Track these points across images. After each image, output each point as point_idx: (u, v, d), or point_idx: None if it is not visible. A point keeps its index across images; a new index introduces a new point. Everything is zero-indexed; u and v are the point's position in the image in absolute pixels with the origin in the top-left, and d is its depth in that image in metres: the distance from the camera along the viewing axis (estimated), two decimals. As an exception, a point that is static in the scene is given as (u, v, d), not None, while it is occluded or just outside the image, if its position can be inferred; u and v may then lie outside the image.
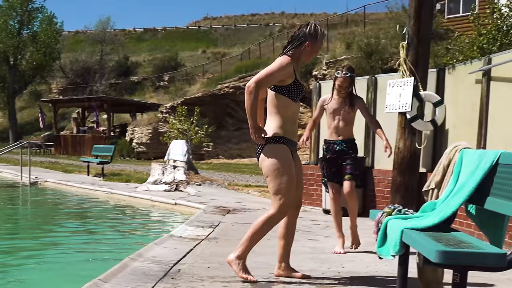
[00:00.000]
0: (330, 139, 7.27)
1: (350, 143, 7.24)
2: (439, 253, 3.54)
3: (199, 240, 7.80)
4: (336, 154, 7.21)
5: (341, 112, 7.17)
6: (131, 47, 72.90)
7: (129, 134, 41.39)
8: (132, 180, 20.22)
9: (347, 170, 7.15)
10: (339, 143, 7.21)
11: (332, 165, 7.24)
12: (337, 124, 7.20)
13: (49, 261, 8.18)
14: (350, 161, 7.17)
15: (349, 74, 7.04)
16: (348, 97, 7.16)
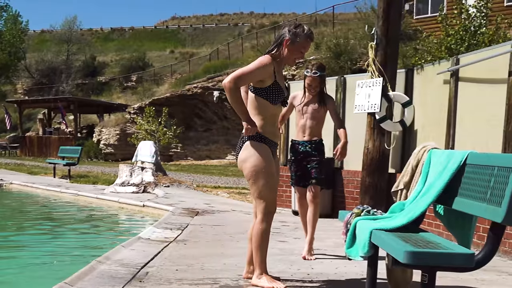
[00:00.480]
0: (296, 139, 7.09)
1: (316, 144, 7.01)
2: (408, 254, 3.56)
3: (167, 242, 7.76)
4: (300, 156, 7.01)
5: (310, 111, 6.96)
6: (98, 47, 72.44)
7: (96, 135, 41.14)
8: (100, 182, 20.09)
9: (312, 174, 6.92)
10: (303, 143, 7.00)
11: (297, 168, 7.07)
12: (304, 122, 7.00)
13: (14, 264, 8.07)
14: (315, 164, 6.94)
15: (319, 73, 6.86)
16: (319, 96, 6.96)
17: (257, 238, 5.28)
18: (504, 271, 6.39)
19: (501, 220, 3.53)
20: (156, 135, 29.67)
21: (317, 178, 6.90)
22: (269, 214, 5.26)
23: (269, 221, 5.27)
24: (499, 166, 3.75)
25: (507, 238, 6.99)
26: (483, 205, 3.80)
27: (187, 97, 35.23)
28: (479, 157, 4.15)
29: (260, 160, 5.18)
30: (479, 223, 6.89)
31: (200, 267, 6.15)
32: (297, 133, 7.08)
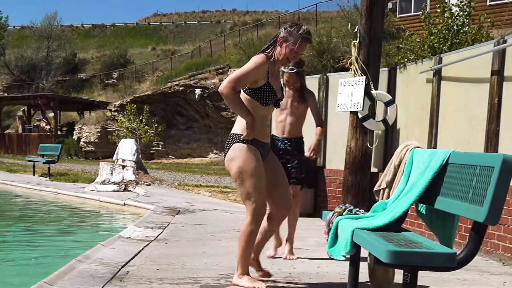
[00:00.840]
0: (275, 135, 6.87)
1: (295, 142, 6.84)
2: (390, 253, 3.57)
3: (148, 241, 7.74)
4: (279, 153, 6.66)
5: (290, 107, 6.79)
6: (79, 44, 72.00)
7: (77, 133, 40.96)
8: (80, 180, 20.02)
9: (292, 174, 6.71)
10: (283, 141, 6.82)
11: None
12: (284, 119, 6.81)
13: (-8, 263, 8.03)
14: (296, 164, 6.78)
15: (296, 69, 6.68)
16: (299, 91, 6.82)
17: (243, 238, 5.21)
18: (486, 270, 6.43)
19: (483, 220, 3.55)
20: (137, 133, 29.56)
21: (298, 177, 6.75)
22: (258, 216, 5.18)
23: (258, 223, 5.20)
24: (481, 165, 3.77)
25: (489, 238, 7.04)
26: (465, 204, 3.81)
27: (169, 95, 35.15)
28: (461, 156, 4.17)
29: (246, 161, 5.08)
30: (461, 223, 6.93)
31: (181, 266, 6.14)
32: (277, 129, 6.89)
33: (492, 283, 5.82)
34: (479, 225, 3.71)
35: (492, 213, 3.52)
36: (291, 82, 6.75)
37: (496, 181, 3.54)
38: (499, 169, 3.55)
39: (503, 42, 7.48)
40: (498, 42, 7.61)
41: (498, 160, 3.58)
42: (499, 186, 3.53)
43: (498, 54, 7.50)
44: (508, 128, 7.28)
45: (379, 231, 4.33)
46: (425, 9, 15.10)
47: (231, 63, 33.90)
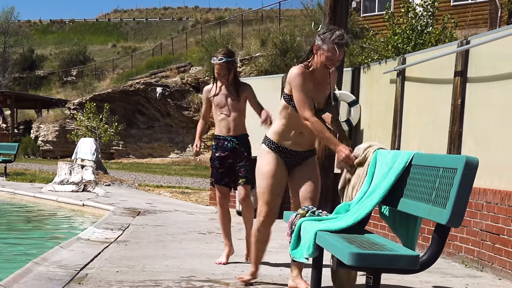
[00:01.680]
0: (220, 135, 6.59)
1: (242, 140, 6.59)
2: (353, 255, 3.59)
3: (107, 243, 7.71)
4: (227, 153, 6.55)
5: (229, 103, 6.51)
6: (37, 40, 71.28)
7: (34, 132, 40.52)
8: (37, 180, 19.79)
9: (241, 173, 6.54)
10: (230, 139, 6.54)
11: (221, 165, 6.61)
12: (225, 117, 6.53)
13: None
14: (244, 162, 6.55)
15: (225, 59, 6.40)
16: (233, 85, 6.54)
17: (251, 238, 5.65)
18: (448, 273, 6.51)
19: (445, 222, 3.59)
20: (97, 132, 29.37)
21: (247, 177, 6.52)
22: (260, 218, 5.46)
23: (264, 224, 5.49)
24: (444, 167, 3.81)
25: (452, 240, 7.12)
26: (428, 206, 3.85)
27: (129, 93, 34.95)
28: (424, 158, 4.21)
29: (263, 163, 5.33)
30: (424, 225, 7.00)
31: (141, 268, 6.13)
32: (220, 128, 6.59)
33: (455, 285, 5.90)
34: (442, 227, 3.75)
35: (455, 215, 3.56)
36: (222, 74, 6.45)
37: (459, 183, 3.58)
38: (462, 171, 3.59)
39: (467, 43, 7.57)
40: (462, 43, 7.70)
41: (461, 162, 3.63)
42: (462, 188, 3.58)
43: (462, 55, 7.60)
44: (471, 130, 7.38)
45: (342, 233, 4.35)
46: (389, 8, 15.25)
47: (193, 61, 33.81)
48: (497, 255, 6.34)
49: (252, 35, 32.76)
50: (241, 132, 6.60)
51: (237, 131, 6.56)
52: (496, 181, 6.68)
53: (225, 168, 6.60)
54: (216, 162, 6.63)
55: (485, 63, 7.21)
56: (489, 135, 7.01)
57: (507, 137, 6.65)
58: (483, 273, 6.54)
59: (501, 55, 6.91)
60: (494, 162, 6.76)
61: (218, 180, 6.66)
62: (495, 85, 6.98)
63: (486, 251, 6.57)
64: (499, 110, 6.85)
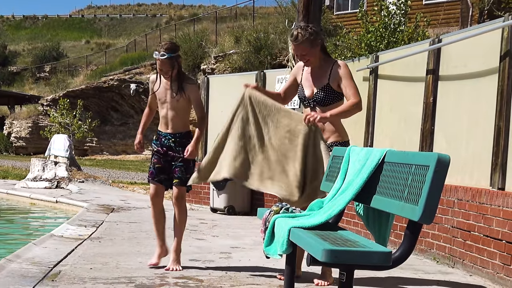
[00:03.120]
0: (160, 130, 6.29)
1: (180, 138, 6.19)
2: (326, 252, 3.61)
3: (81, 240, 7.67)
4: (163, 149, 6.20)
5: (169, 100, 6.15)
6: (9, 35, 70.71)
7: (7, 128, 40.24)
8: (10, 176, 19.69)
9: (175, 173, 6.16)
10: (167, 136, 6.21)
11: (158, 160, 6.22)
12: (165, 113, 6.19)
13: None
14: (179, 162, 6.16)
15: (167, 55, 5.98)
16: (176, 81, 6.13)
17: None
18: (420, 269, 6.56)
19: (417, 219, 3.61)
20: (70, 129, 29.22)
21: (181, 178, 6.14)
22: None
23: None
24: (416, 164, 3.84)
25: (424, 237, 7.18)
26: (400, 203, 3.88)
27: (103, 90, 34.81)
28: (397, 155, 4.24)
29: None
30: (396, 222, 7.05)
31: (115, 265, 6.11)
32: (161, 124, 6.29)
33: (426, 282, 5.95)
34: (414, 224, 3.78)
35: (426, 212, 3.58)
36: (164, 70, 6.05)
37: (431, 180, 3.60)
38: (434, 168, 3.62)
39: (438, 41, 7.63)
40: (434, 41, 7.75)
41: (433, 159, 3.65)
42: (434, 185, 3.60)
43: (434, 53, 7.65)
44: (443, 128, 7.43)
45: (315, 229, 4.37)
46: (362, 7, 15.35)
47: (167, 58, 33.68)
48: (468, 252, 6.41)
49: (226, 32, 32.75)
50: (180, 131, 6.22)
51: (175, 128, 6.20)
52: (467, 179, 6.74)
53: (161, 164, 6.22)
54: (155, 157, 6.27)
55: (457, 62, 7.27)
56: (460, 133, 7.07)
57: (477, 135, 6.71)
58: (454, 269, 6.60)
59: (472, 53, 6.97)
60: (465, 160, 6.82)
61: (154, 175, 6.24)
62: (466, 83, 7.04)
63: (457, 247, 6.63)
64: (470, 108, 6.91)
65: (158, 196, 6.33)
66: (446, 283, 5.95)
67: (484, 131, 6.56)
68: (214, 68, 28.53)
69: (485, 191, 6.17)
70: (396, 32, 14.03)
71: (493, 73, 6.46)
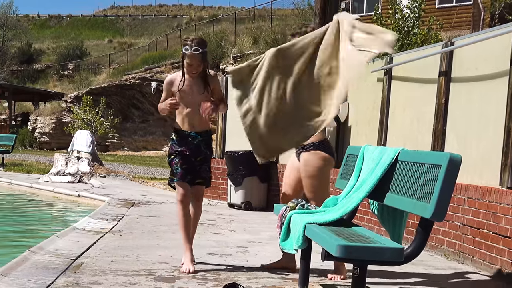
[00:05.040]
0: (183, 130, 5.86)
1: (207, 137, 5.93)
2: (340, 248, 3.63)
3: (102, 233, 7.70)
4: (191, 149, 5.83)
5: (194, 97, 5.77)
6: (35, 34, 70.99)
7: (31, 124, 40.38)
8: (34, 171, 19.74)
9: (201, 173, 5.89)
10: (195, 135, 5.84)
11: (184, 161, 5.83)
12: (190, 112, 5.78)
13: None
14: (205, 162, 5.91)
15: (201, 50, 5.65)
16: (202, 78, 5.80)
17: None
18: (431, 265, 6.56)
19: (429, 216, 3.63)
20: (93, 125, 29.35)
21: (206, 178, 5.94)
22: None
23: None
24: (428, 163, 3.85)
25: (434, 233, 7.16)
26: (412, 201, 3.89)
27: (125, 88, 34.90)
28: (410, 154, 4.25)
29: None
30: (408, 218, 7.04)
31: (135, 258, 6.13)
32: (183, 123, 5.85)
33: (437, 277, 5.94)
34: (426, 221, 3.79)
35: (438, 209, 3.60)
36: (195, 65, 5.69)
37: (443, 178, 3.62)
38: (445, 167, 3.63)
39: (451, 44, 7.60)
40: (446, 44, 7.72)
41: (445, 159, 3.66)
42: (445, 183, 3.62)
43: (446, 56, 7.62)
44: (454, 128, 7.41)
45: (330, 225, 4.39)
46: (377, 10, 15.25)
47: (187, 58, 33.76)
48: (478, 249, 6.39)
49: (244, 33, 32.76)
50: (206, 128, 5.93)
51: (202, 126, 5.88)
52: (477, 178, 6.73)
53: (188, 164, 5.84)
54: (179, 158, 5.85)
55: (468, 64, 7.24)
56: (471, 133, 7.05)
57: (488, 136, 6.69)
58: (464, 265, 6.59)
59: (483, 56, 6.95)
60: (476, 160, 6.80)
61: (183, 177, 5.84)
62: (477, 85, 7.02)
63: (467, 244, 6.62)
64: (481, 110, 6.89)
65: (188, 196, 5.94)
66: (456, 278, 5.94)
67: (494, 132, 6.54)
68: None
69: (494, 190, 6.16)
70: (409, 34, 13.99)
71: (504, 76, 6.43)
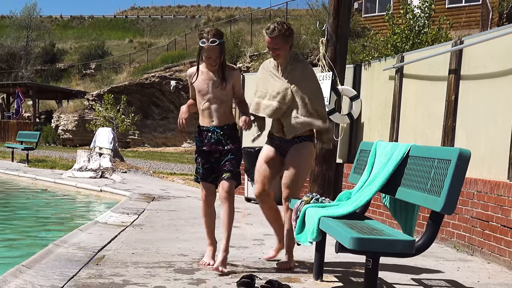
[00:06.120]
0: (203, 125, 5.54)
1: (228, 130, 5.49)
2: (353, 240, 3.65)
3: (124, 226, 7.75)
4: (211, 146, 5.49)
5: (212, 90, 5.43)
6: (58, 34, 71.20)
7: (55, 121, 40.55)
8: (58, 166, 19.85)
9: (225, 167, 5.47)
10: (214, 130, 5.47)
11: (205, 159, 5.54)
12: (208, 106, 5.46)
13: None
14: (230, 155, 5.46)
15: (218, 41, 5.33)
16: (220, 70, 5.44)
17: None
18: (441, 256, 6.55)
19: (440, 209, 3.63)
20: (114, 122, 29.45)
21: (232, 171, 5.46)
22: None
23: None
24: (439, 158, 3.86)
25: (444, 226, 7.16)
26: (423, 194, 3.90)
27: (145, 86, 34.98)
28: (421, 149, 4.25)
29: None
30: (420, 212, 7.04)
31: (155, 251, 6.17)
32: (203, 118, 5.53)
33: (447, 268, 5.94)
34: (436, 214, 3.80)
35: (448, 203, 3.61)
36: (213, 57, 5.36)
37: (453, 173, 3.63)
38: (455, 162, 3.64)
39: (460, 43, 7.59)
40: (456, 43, 7.71)
41: (454, 154, 3.67)
42: (455, 178, 3.62)
43: (456, 54, 7.61)
44: (463, 124, 7.40)
45: (343, 219, 4.40)
46: (389, 10, 15.22)
47: (205, 56, 33.80)
48: (486, 241, 6.39)
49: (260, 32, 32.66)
50: (227, 122, 5.50)
51: (222, 120, 5.47)
52: (486, 172, 6.72)
53: (210, 163, 5.55)
54: (201, 157, 5.59)
55: (477, 62, 7.23)
56: (479, 129, 7.04)
57: (495, 132, 6.68)
58: (473, 257, 6.58)
59: (492, 55, 6.93)
60: (484, 154, 6.79)
61: (204, 176, 5.58)
62: (486, 83, 7.00)
63: (476, 236, 6.61)
64: (489, 106, 6.87)
65: (211, 195, 5.65)
66: (466, 269, 5.94)
67: (502, 128, 6.53)
68: (249, 66, 28.58)
69: (503, 184, 6.15)
70: (420, 34, 13.96)
71: (511, 74, 6.43)
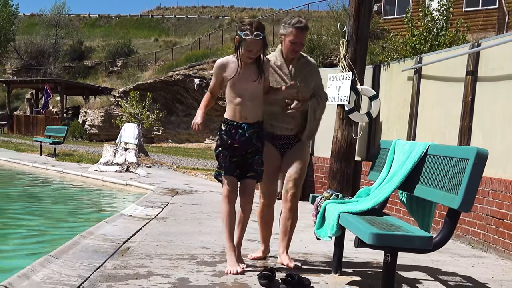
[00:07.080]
0: (233, 120, 5.11)
1: (258, 128, 5.14)
2: (373, 235, 3.66)
3: (148, 219, 7.79)
4: (241, 142, 5.10)
5: (248, 85, 5.05)
6: (85, 33, 71.56)
7: (82, 116, 40.80)
8: (84, 160, 19.96)
9: (253, 166, 5.17)
10: (246, 127, 5.08)
11: (233, 154, 5.13)
12: (242, 101, 5.05)
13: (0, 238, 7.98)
14: (257, 155, 5.16)
15: (262, 35, 4.93)
16: (256, 63, 5.09)
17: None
18: (456, 253, 6.54)
19: (457, 207, 3.64)
20: (139, 118, 29.55)
21: (257, 171, 5.19)
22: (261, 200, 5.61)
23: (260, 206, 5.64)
24: (456, 157, 3.86)
25: (460, 224, 7.14)
26: (441, 192, 3.90)
27: (170, 83, 35.08)
28: (439, 148, 4.26)
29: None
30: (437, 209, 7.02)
31: (179, 243, 6.20)
32: (234, 113, 5.10)
33: (462, 264, 5.93)
34: (453, 212, 3.80)
35: (465, 200, 3.61)
36: (254, 51, 4.96)
37: (470, 171, 3.63)
38: (473, 161, 3.64)
39: (478, 45, 7.56)
40: (473, 45, 7.68)
41: (472, 153, 3.67)
42: (472, 176, 3.63)
43: (473, 56, 7.58)
44: (480, 124, 7.37)
45: (363, 215, 4.41)
46: (408, 12, 15.17)
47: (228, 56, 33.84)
48: (501, 238, 6.37)
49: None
50: (258, 119, 5.16)
51: (254, 117, 5.12)
52: (501, 171, 6.69)
53: (237, 158, 5.16)
54: (228, 151, 5.13)
55: (494, 64, 7.20)
56: (495, 129, 7.01)
57: (511, 132, 6.65)
58: (487, 254, 6.56)
59: (508, 57, 6.90)
60: (500, 154, 6.76)
61: (230, 170, 5.13)
62: (502, 85, 6.97)
63: (490, 234, 6.60)
64: (505, 107, 6.85)
65: (235, 192, 5.20)
66: (480, 266, 5.93)
67: (519, 129, 6.51)
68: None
69: (518, 184, 6.14)
70: (438, 36, 13.91)
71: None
